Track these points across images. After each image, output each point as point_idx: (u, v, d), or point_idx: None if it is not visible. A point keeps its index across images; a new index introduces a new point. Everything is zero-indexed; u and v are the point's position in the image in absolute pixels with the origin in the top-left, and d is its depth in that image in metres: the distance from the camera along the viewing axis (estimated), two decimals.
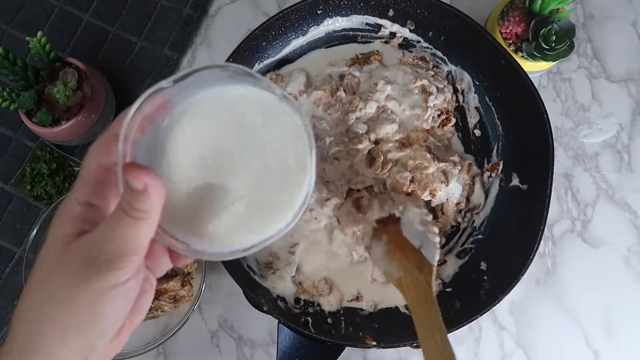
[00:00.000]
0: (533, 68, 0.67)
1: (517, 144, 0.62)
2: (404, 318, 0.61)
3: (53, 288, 0.30)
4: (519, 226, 0.59)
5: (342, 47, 0.67)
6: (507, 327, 0.68)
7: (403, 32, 0.66)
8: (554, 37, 0.63)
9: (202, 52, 0.74)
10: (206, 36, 0.74)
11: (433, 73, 0.65)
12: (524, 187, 0.60)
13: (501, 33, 0.66)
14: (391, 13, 0.64)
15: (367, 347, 0.57)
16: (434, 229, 0.53)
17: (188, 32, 0.73)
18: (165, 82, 0.31)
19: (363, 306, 0.62)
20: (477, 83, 0.64)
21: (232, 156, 0.33)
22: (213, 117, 0.33)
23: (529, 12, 0.66)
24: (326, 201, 0.61)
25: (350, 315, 0.61)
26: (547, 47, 0.63)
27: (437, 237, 0.52)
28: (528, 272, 0.55)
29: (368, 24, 0.66)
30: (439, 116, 0.64)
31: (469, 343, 0.68)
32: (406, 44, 0.67)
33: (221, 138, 0.33)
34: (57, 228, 0.32)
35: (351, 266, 0.63)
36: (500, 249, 0.60)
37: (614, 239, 0.70)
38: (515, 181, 0.61)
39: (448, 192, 0.63)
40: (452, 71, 0.66)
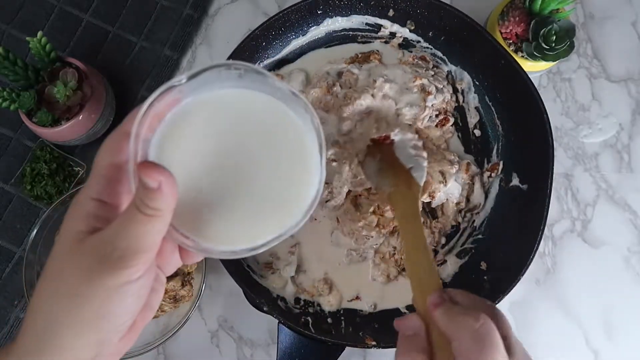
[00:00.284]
0: (533, 68, 0.67)
1: (517, 144, 0.62)
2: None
3: (66, 284, 0.30)
4: (519, 226, 0.59)
5: (342, 47, 0.67)
6: None
7: (403, 32, 0.66)
8: (554, 37, 0.63)
9: (202, 52, 0.74)
10: (206, 36, 0.74)
11: (433, 73, 0.65)
12: (524, 187, 0.60)
13: (501, 33, 0.66)
14: (391, 13, 0.64)
15: (367, 347, 0.57)
16: (424, 154, 0.58)
17: (188, 32, 0.73)
18: (177, 80, 0.31)
19: (363, 307, 0.62)
20: (477, 83, 0.64)
21: (241, 155, 0.34)
22: (223, 116, 0.34)
23: (529, 12, 0.66)
24: (326, 202, 0.61)
25: (350, 315, 0.61)
26: (547, 47, 0.63)
27: (426, 162, 0.58)
28: (528, 272, 0.55)
29: (368, 24, 0.66)
30: (437, 116, 0.64)
31: None
32: (406, 44, 0.67)
33: (231, 137, 0.34)
34: (70, 224, 0.32)
35: (350, 265, 0.63)
36: (500, 249, 0.60)
37: (614, 239, 0.70)
38: (515, 181, 0.61)
39: (447, 192, 0.63)
40: (452, 71, 0.66)
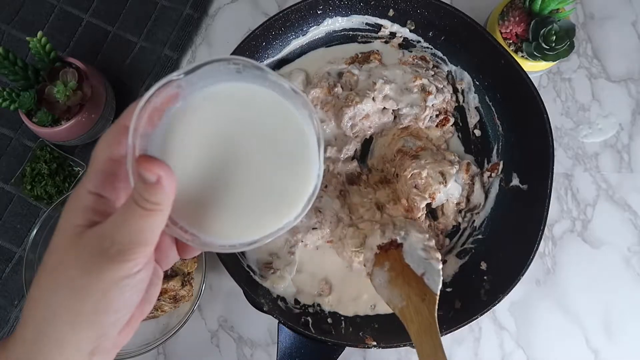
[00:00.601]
0: (533, 68, 0.67)
1: (517, 144, 0.62)
2: None
3: (65, 277, 0.30)
4: (519, 226, 0.59)
5: (342, 47, 0.67)
6: (507, 327, 0.68)
7: (403, 32, 0.66)
8: (554, 37, 0.63)
9: (202, 52, 0.74)
10: (206, 36, 0.74)
11: (433, 73, 0.65)
12: (524, 187, 0.60)
13: (501, 33, 0.66)
14: (391, 13, 0.64)
15: (367, 347, 0.57)
16: (437, 255, 0.52)
17: (188, 32, 0.73)
18: (175, 74, 0.31)
19: (364, 308, 0.62)
20: (477, 83, 0.64)
21: (241, 149, 0.34)
22: (222, 111, 0.34)
23: (529, 12, 0.66)
24: (312, 229, 0.61)
25: (350, 315, 0.61)
26: (547, 47, 0.63)
27: (440, 264, 0.52)
28: (528, 272, 0.55)
29: (368, 24, 0.66)
30: (437, 116, 0.64)
31: (469, 343, 0.68)
32: (406, 44, 0.67)
33: (230, 131, 0.34)
34: (68, 218, 0.32)
35: (352, 270, 0.63)
36: (500, 249, 0.60)
37: (614, 239, 0.70)
38: (515, 181, 0.61)
39: (447, 193, 0.63)
40: (452, 71, 0.66)
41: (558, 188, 0.70)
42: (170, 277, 0.62)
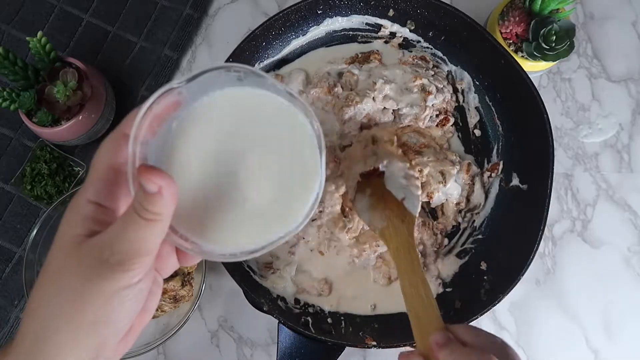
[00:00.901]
0: (533, 68, 0.67)
1: (517, 144, 0.62)
2: (404, 318, 0.60)
3: (65, 287, 0.30)
4: (519, 226, 0.59)
5: (342, 47, 0.67)
6: (507, 327, 0.68)
7: (403, 32, 0.66)
8: (554, 37, 0.63)
9: (202, 52, 0.74)
10: (206, 36, 0.74)
11: (433, 73, 0.65)
12: (524, 187, 0.60)
13: (501, 33, 0.66)
14: (391, 13, 0.64)
15: (367, 347, 0.57)
16: (417, 183, 0.55)
17: (188, 32, 0.73)
18: (176, 82, 0.31)
19: (364, 308, 0.62)
20: (477, 83, 0.64)
21: (242, 158, 0.33)
22: (223, 119, 0.33)
23: (529, 12, 0.66)
24: (312, 221, 0.61)
25: (350, 315, 0.61)
26: (547, 47, 0.63)
27: (419, 190, 0.55)
28: (528, 272, 0.55)
29: (368, 24, 0.66)
30: (437, 116, 0.64)
31: None
32: (406, 44, 0.67)
33: (231, 140, 0.33)
34: (68, 227, 0.32)
35: (352, 270, 0.63)
36: (500, 249, 0.60)
37: (614, 239, 0.70)
38: (515, 181, 0.61)
39: (446, 193, 0.63)
40: (452, 71, 0.66)
41: (558, 188, 0.70)
42: (170, 277, 0.62)
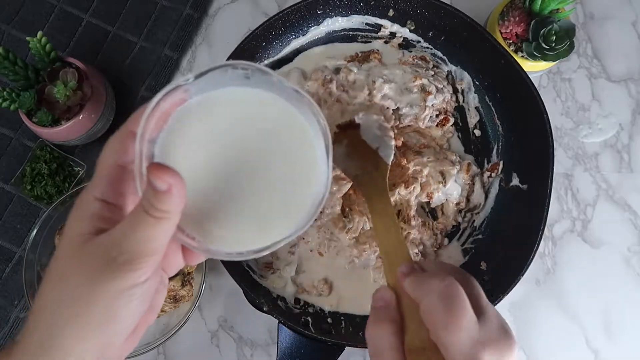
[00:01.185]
0: (533, 68, 0.67)
1: (517, 144, 0.62)
2: None
3: (71, 286, 0.30)
4: (519, 226, 0.59)
5: (342, 46, 0.67)
6: None
7: (403, 32, 0.66)
8: (554, 37, 0.63)
9: (202, 52, 0.74)
10: (206, 36, 0.74)
11: (433, 73, 0.65)
12: (524, 187, 0.60)
13: (501, 33, 0.66)
14: (391, 13, 0.64)
15: (367, 347, 0.56)
16: (390, 134, 0.58)
17: (188, 32, 0.73)
18: (183, 79, 0.31)
19: (364, 311, 0.62)
20: (477, 83, 0.64)
21: (249, 157, 0.33)
22: (230, 117, 0.33)
23: (529, 12, 0.66)
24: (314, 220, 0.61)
25: (350, 315, 0.61)
26: (547, 47, 0.63)
27: (393, 141, 0.57)
28: (528, 272, 0.55)
29: (368, 24, 0.66)
30: (437, 116, 0.64)
31: None
32: (406, 44, 0.67)
33: (238, 138, 0.33)
34: (74, 225, 0.31)
35: (352, 271, 0.63)
36: (500, 249, 0.60)
37: (614, 239, 0.70)
38: (515, 181, 0.61)
39: (446, 193, 0.63)
40: (452, 71, 0.66)
41: (558, 188, 0.70)
42: (170, 277, 0.62)
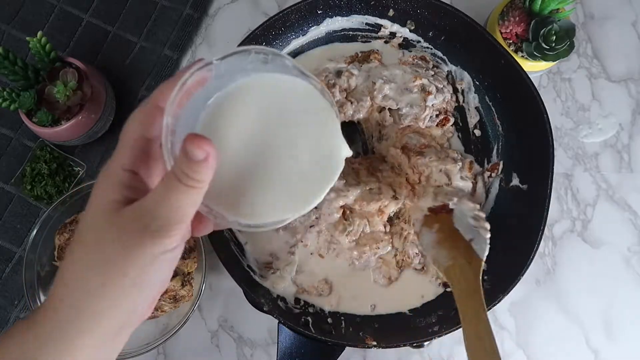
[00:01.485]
0: (533, 68, 0.67)
1: (517, 144, 0.62)
2: (404, 318, 0.61)
3: (104, 254, 0.31)
4: (519, 226, 0.59)
5: (342, 46, 0.67)
6: (507, 327, 0.68)
7: (403, 32, 0.66)
8: (554, 37, 0.63)
9: (202, 52, 0.74)
10: (206, 36, 0.74)
11: (433, 73, 0.65)
12: (524, 187, 0.60)
13: (501, 33, 0.66)
14: (391, 13, 0.64)
15: (367, 347, 0.57)
16: (486, 225, 0.53)
17: (188, 32, 0.73)
18: (214, 59, 0.33)
19: (363, 309, 0.62)
20: (477, 83, 0.64)
21: (270, 133, 0.35)
22: (253, 97, 0.35)
23: (529, 12, 0.66)
24: (310, 227, 0.61)
25: (350, 315, 0.61)
26: (547, 47, 0.63)
27: (488, 234, 0.52)
28: (528, 272, 0.55)
29: (368, 24, 0.66)
30: (437, 116, 0.64)
31: None
32: (406, 44, 0.67)
33: (260, 116, 0.35)
34: (104, 193, 0.32)
35: (353, 271, 0.63)
36: (500, 249, 0.60)
37: (614, 239, 0.70)
38: (515, 181, 0.61)
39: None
40: (452, 71, 0.66)
41: (558, 188, 0.70)
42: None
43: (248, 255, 0.62)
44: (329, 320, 0.61)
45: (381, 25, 0.66)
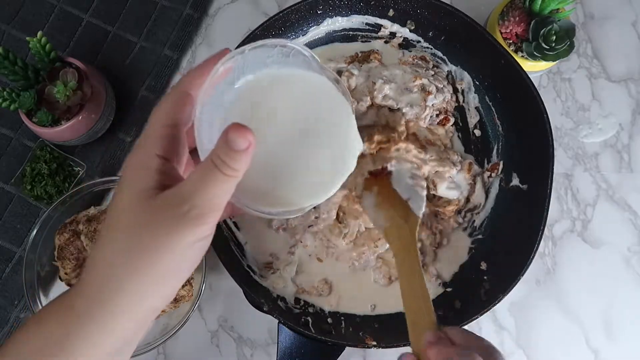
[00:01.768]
0: (533, 68, 0.67)
1: (517, 144, 0.62)
2: (404, 318, 0.60)
3: (142, 240, 0.31)
4: (519, 226, 0.59)
5: (342, 45, 0.67)
6: (507, 327, 0.68)
7: (403, 32, 0.66)
8: (554, 37, 0.63)
9: (202, 52, 0.74)
10: (206, 36, 0.74)
11: (433, 73, 0.65)
12: (524, 187, 0.60)
13: (501, 33, 0.66)
14: (391, 13, 0.64)
15: (367, 347, 0.57)
16: (422, 183, 0.55)
17: (188, 32, 0.73)
18: (248, 46, 0.34)
19: (363, 309, 0.62)
20: (477, 83, 0.64)
21: (291, 126, 0.37)
22: (279, 94, 0.37)
23: (529, 12, 0.66)
24: (309, 227, 0.61)
25: (350, 315, 0.61)
26: (547, 47, 0.63)
27: (425, 191, 0.55)
28: (528, 272, 0.55)
29: (368, 24, 0.66)
30: (437, 116, 0.64)
31: None
32: (406, 44, 0.67)
33: (284, 112, 0.37)
34: (137, 180, 0.33)
35: (353, 272, 0.63)
36: (500, 249, 0.60)
37: (614, 239, 0.70)
38: (515, 181, 0.61)
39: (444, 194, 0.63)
40: (452, 71, 0.66)
41: (558, 188, 0.70)
42: None
43: (248, 255, 0.62)
44: (329, 320, 0.61)
45: (381, 25, 0.66)
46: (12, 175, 0.69)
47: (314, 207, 0.61)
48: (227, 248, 0.60)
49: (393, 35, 0.66)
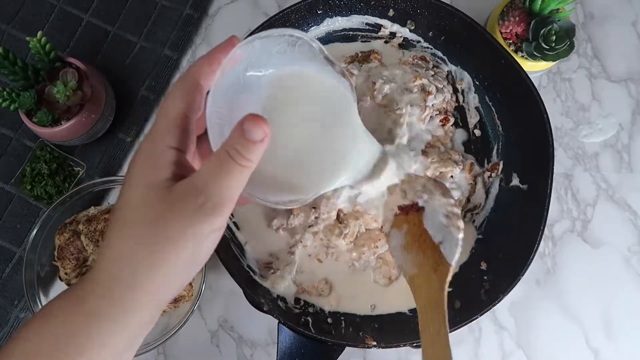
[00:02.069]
0: (533, 68, 0.67)
1: (517, 144, 0.62)
2: (404, 318, 0.61)
3: (158, 231, 0.31)
4: (519, 226, 0.59)
5: (342, 45, 0.67)
6: (507, 327, 0.68)
7: (403, 32, 0.66)
8: (554, 37, 0.63)
9: (202, 52, 0.73)
10: (206, 36, 0.74)
11: (433, 73, 0.65)
12: (524, 187, 0.60)
13: (501, 33, 0.66)
14: (391, 13, 0.64)
15: (367, 347, 0.57)
16: (459, 224, 0.47)
17: (188, 32, 0.73)
18: (249, 39, 0.34)
19: (363, 309, 0.62)
20: (477, 83, 0.64)
21: (299, 117, 0.38)
22: (286, 83, 0.37)
23: (529, 12, 0.66)
24: (308, 227, 0.61)
25: (350, 315, 0.61)
26: (547, 47, 0.63)
27: (461, 234, 0.46)
28: (528, 272, 0.55)
29: (368, 24, 0.66)
30: (437, 116, 0.64)
31: (469, 343, 0.68)
32: (406, 44, 0.67)
33: (291, 100, 0.37)
34: (152, 173, 0.32)
35: (353, 272, 0.63)
36: (500, 249, 0.60)
37: (614, 239, 0.70)
38: (515, 181, 0.61)
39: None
40: (452, 71, 0.66)
41: (558, 188, 0.70)
42: None
43: (248, 255, 0.62)
44: (329, 320, 0.61)
45: (381, 25, 0.66)
46: (12, 175, 0.69)
47: (314, 207, 0.61)
48: (227, 248, 0.60)
49: (393, 35, 0.66)
